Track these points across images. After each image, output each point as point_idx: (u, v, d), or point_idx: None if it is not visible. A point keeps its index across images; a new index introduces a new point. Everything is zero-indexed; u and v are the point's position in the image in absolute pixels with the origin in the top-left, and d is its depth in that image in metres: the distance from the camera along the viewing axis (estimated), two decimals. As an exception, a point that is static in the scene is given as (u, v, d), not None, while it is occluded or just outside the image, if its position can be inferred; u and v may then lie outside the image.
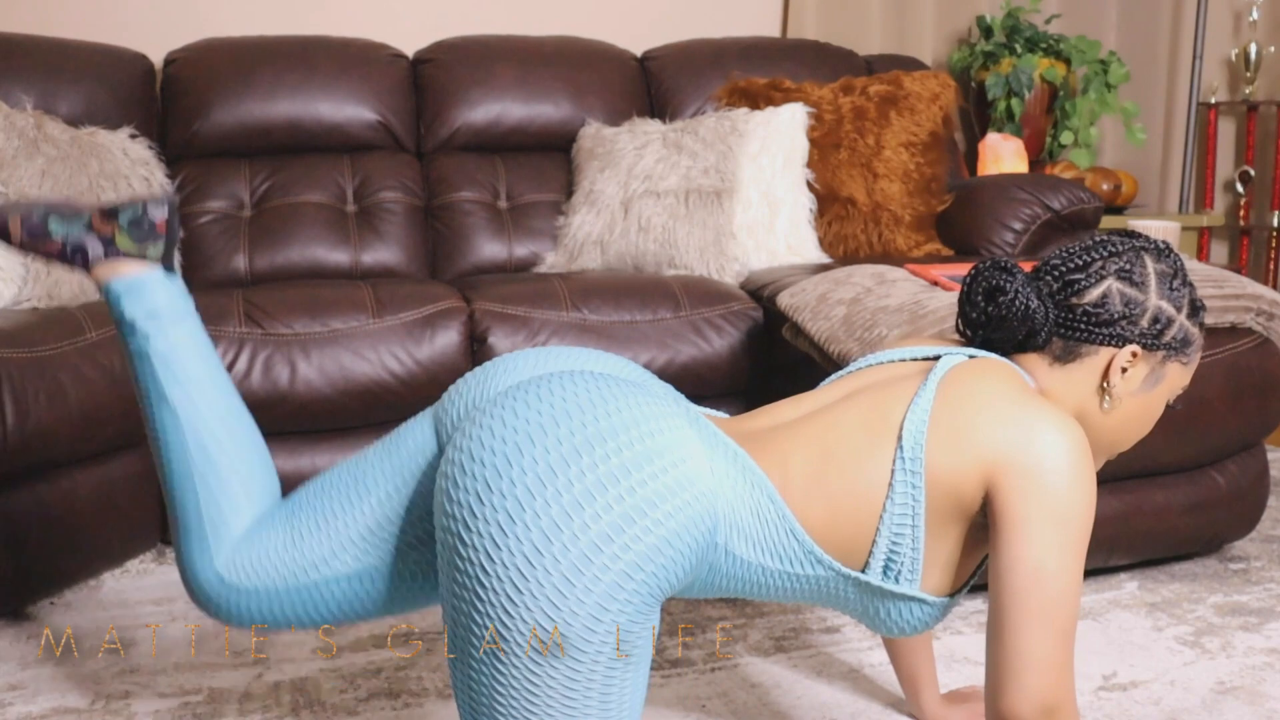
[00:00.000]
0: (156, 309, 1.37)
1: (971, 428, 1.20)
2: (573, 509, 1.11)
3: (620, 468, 1.13)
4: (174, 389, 1.36)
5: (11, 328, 2.13)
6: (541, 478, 1.12)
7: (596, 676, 1.14)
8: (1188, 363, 1.33)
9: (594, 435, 1.14)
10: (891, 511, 1.21)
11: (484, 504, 1.13)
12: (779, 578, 1.25)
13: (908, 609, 1.26)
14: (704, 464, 1.17)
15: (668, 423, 1.18)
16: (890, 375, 1.33)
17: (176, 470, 1.36)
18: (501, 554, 1.11)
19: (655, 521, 1.13)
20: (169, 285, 1.39)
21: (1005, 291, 1.29)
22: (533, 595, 1.10)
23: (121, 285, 1.38)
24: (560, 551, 1.10)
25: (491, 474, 1.14)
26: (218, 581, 1.36)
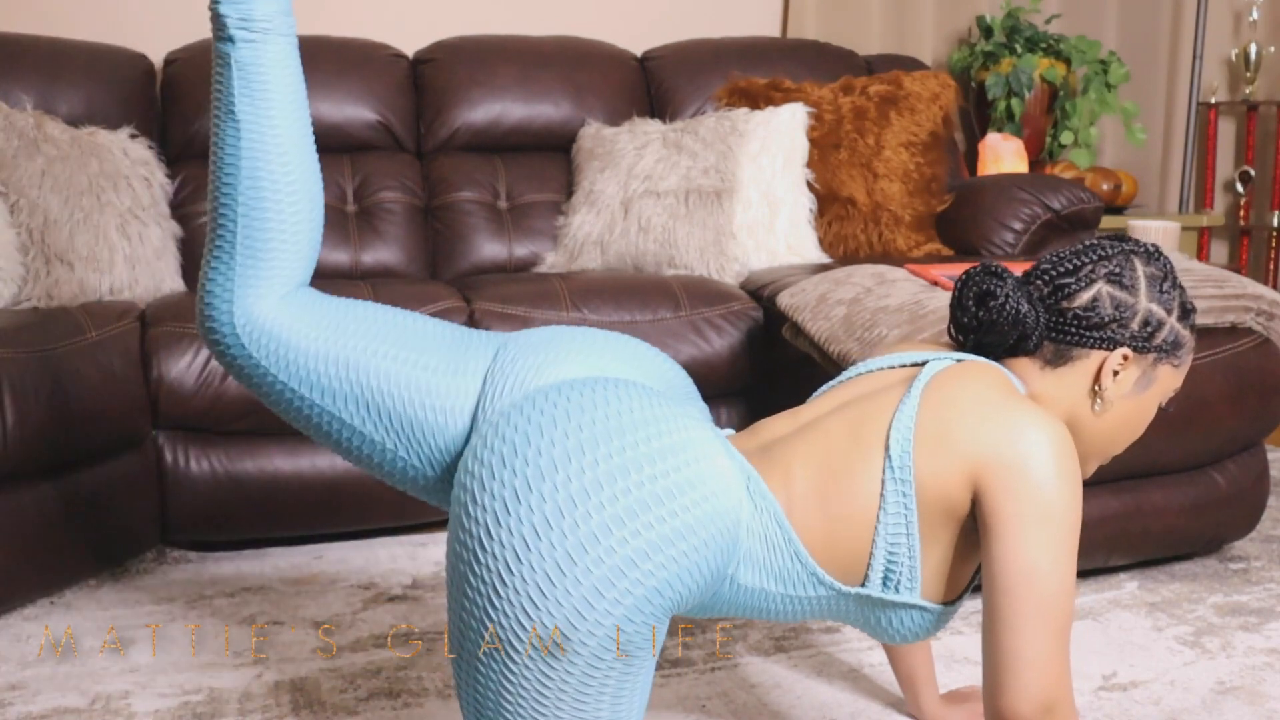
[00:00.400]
0: (252, 16, 1.30)
1: (955, 431, 1.20)
2: (579, 497, 1.11)
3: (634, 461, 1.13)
4: (245, 105, 1.30)
5: (11, 328, 2.13)
6: (574, 498, 1.12)
7: (611, 677, 1.14)
8: (1179, 365, 1.33)
9: (629, 462, 1.14)
10: (885, 522, 1.21)
11: (494, 478, 1.13)
12: (780, 600, 1.25)
13: (909, 617, 1.26)
14: (736, 490, 1.18)
15: (708, 451, 1.18)
16: (877, 385, 1.33)
17: (224, 190, 1.31)
18: (526, 563, 1.11)
19: (668, 513, 1.13)
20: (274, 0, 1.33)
21: (995, 296, 1.29)
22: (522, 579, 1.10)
23: None
24: (556, 539, 1.11)
25: (520, 487, 1.13)
26: (229, 327, 1.32)
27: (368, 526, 2.47)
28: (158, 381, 2.29)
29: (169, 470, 2.34)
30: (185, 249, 2.87)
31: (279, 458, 2.38)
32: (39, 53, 2.87)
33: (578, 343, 1.34)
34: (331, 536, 2.51)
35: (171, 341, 2.31)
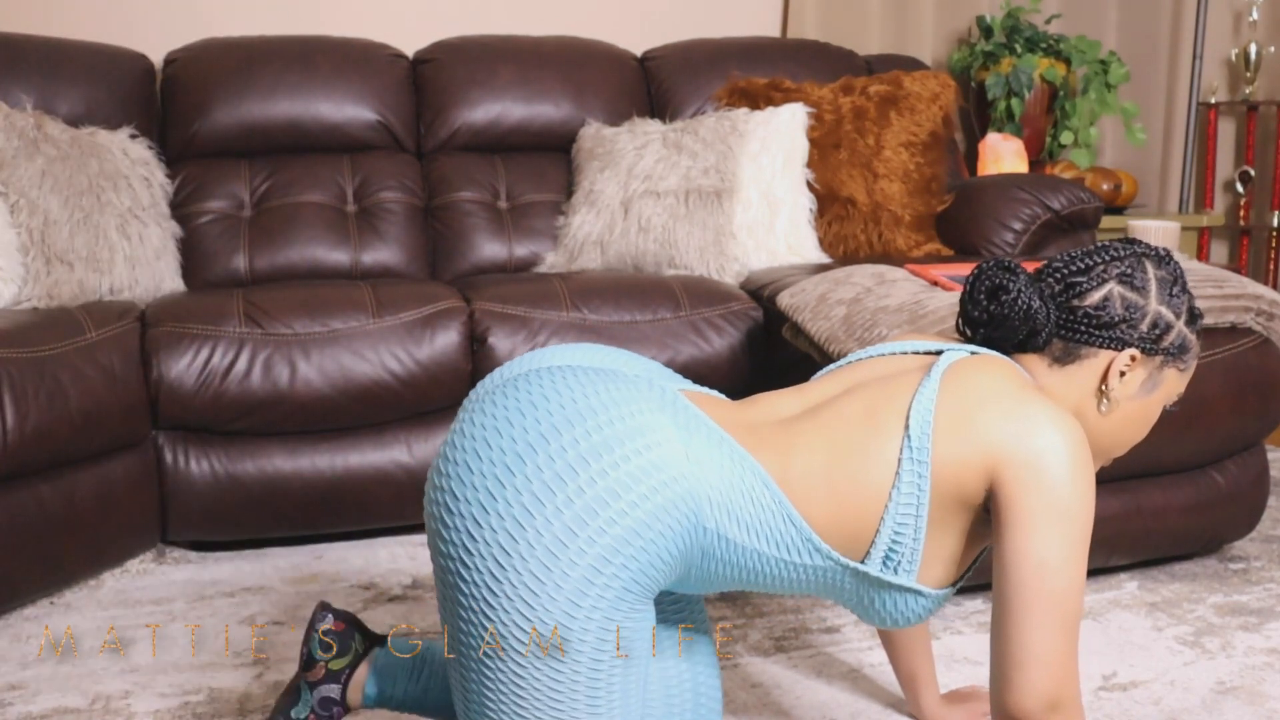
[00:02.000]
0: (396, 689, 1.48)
1: (976, 420, 1.21)
2: (543, 496, 1.12)
3: (588, 452, 1.14)
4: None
5: (11, 328, 2.13)
6: (510, 467, 1.14)
7: (581, 673, 1.14)
8: (1184, 369, 1.34)
9: (558, 423, 1.15)
10: (897, 501, 1.22)
11: (457, 499, 1.15)
12: (776, 565, 1.25)
13: (904, 600, 1.26)
14: (677, 448, 1.18)
15: (635, 406, 1.18)
16: (892, 368, 1.33)
17: None
18: (478, 545, 1.13)
19: (629, 505, 1.13)
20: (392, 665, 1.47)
21: (1008, 291, 1.30)
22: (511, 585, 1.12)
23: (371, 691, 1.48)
24: (533, 539, 1.12)
25: (463, 470, 1.16)
26: None
27: (368, 526, 2.47)
28: (158, 381, 2.29)
29: (169, 470, 2.34)
30: (185, 249, 2.88)
31: (279, 458, 2.38)
32: (39, 53, 2.87)
33: (527, 356, 1.36)
34: (331, 536, 2.51)
35: (171, 341, 2.31)
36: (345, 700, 1.48)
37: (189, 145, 3.00)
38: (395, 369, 2.40)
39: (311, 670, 1.47)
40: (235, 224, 2.94)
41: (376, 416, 2.43)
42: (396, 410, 2.43)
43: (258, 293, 2.48)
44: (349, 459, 2.41)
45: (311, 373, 2.36)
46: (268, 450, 2.38)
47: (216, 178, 2.98)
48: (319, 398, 2.36)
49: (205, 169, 2.99)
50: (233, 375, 2.31)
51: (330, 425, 2.41)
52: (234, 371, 2.32)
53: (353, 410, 2.39)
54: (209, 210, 2.94)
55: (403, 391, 2.41)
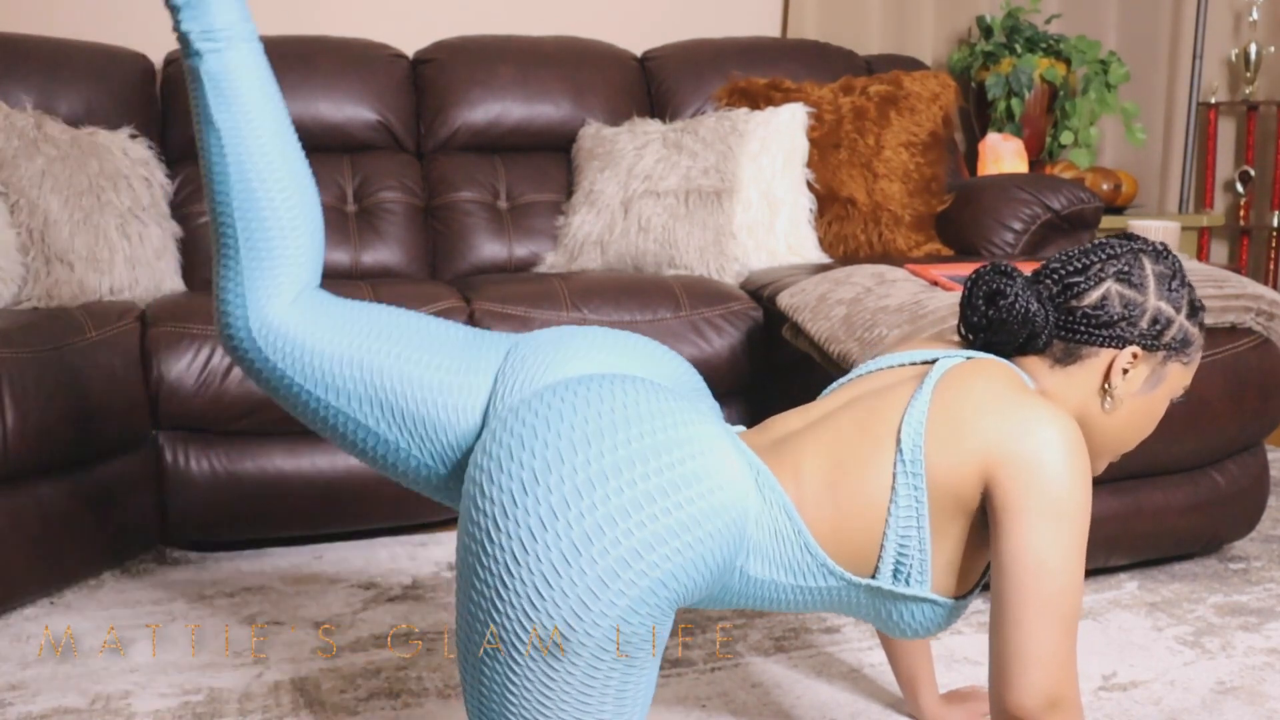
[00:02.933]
0: (212, 27, 1.34)
1: (968, 425, 1.21)
2: (584, 489, 1.12)
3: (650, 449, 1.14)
4: (220, 112, 1.34)
5: (11, 328, 2.13)
6: (562, 453, 1.14)
7: (615, 676, 1.15)
8: (1188, 362, 1.34)
9: (636, 454, 1.15)
10: (896, 515, 1.22)
11: (502, 470, 1.14)
12: (790, 591, 1.26)
13: (920, 610, 1.26)
14: (743, 482, 1.19)
15: (714, 444, 1.18)
16: (888, 381, 1.34)
17: (219, 199, 1.36)
18: (509, 521, 1.12)
19: (674, 505, 1.13)
20: (231, 6, 1.36)
21: (1005, 295, 1.30)
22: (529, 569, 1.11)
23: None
24: (599, 553, 1.11)
25: (516, 444, 1.15)
26: (245, 332, 1.36)
27: (368, 526, 2.47)
28: (158, 381, 2.29)
29: (169, 470, 2.34)
30: (185, 249, 2.87)
31: (279, 458, 2.38)
32: (39, 53, 2.87)
33: (588, 341, 1.35)
34: (331, 536, 2.51)
35: (171, 341, 2.31)
36: None
37: (189, 145, 3.00)
38: (395, 369, 2.39)
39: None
40: (235, 224, 2.93)
41: (376, 416, 2.42)
42: (396, 410, 2.42)
43: (258, 293, 2.48)
44: (349, 459, 2.41)
45: (311, 373, 2.35)
46: (268, 450, 2.38)
47: (216, 178, 2.98)
48: (319, 398, 2.36)
49: (205, 169, 2.99)
50: (233, 375, 2.31)
51: (330, 425, 2.41)
52: (234, 371, 2.32)
53: (353, 410, 2.39)
54: (209, 210, 2.94)
55: (403, 391, 2.40)
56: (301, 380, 1.35)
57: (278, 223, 1.35)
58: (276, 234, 1.35)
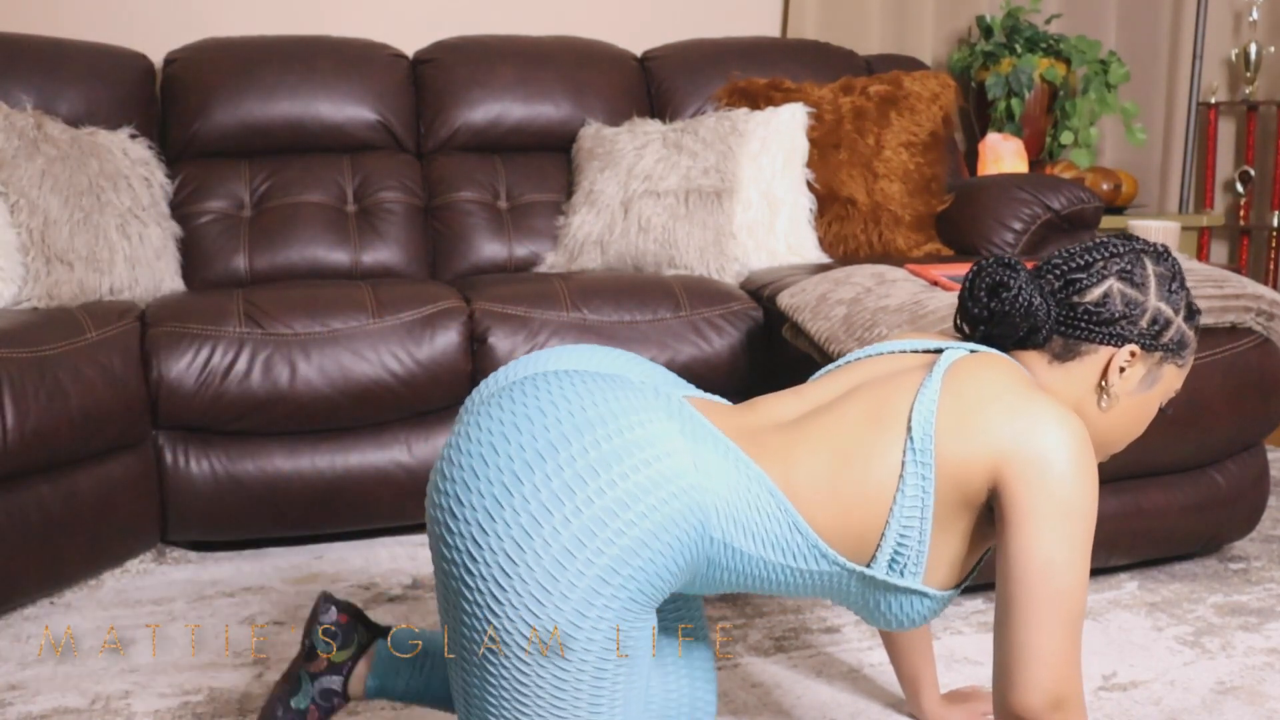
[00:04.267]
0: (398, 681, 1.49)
1: (979, 418, 1.20)
2: (551, 505, 1.12)
3: (597, 462, 1.13)
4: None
5: (11, 328, 2.13)
6: (518, 475, 1.13)
7: (585, 676, 1.14)
8: (1183, 365, 1.35)
9: (568, 431, 1.15)
10: (901, 504, 1.21)
11: (463, 504, 1.14)
12: (781, 571, 1.25)
13: (909, 602, 1.26)
14: (686, 459, 1.17)
15: (645, 415, 1.18)
16: (892, 368, 1.33)
17: None
18: (483, 552, 1.12)
19: (638, 516, 1.13)
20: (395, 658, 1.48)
21: (1008, 288, 1.30)
22: (516, 594, 1.11)
23: (372, 684, 1.49)
24: (540, 548, 1.11)
25: (468, 475, 1.15)
26: None
27: (368, 526, 2.47)
28: (158, 381, 2.29)
29: (169, 470, 2.34)
30: (185, 249, 2.88)
31: (279, 458, 2.38)
32: (39, 53, 2.87)
33: (535, 356, 1.35)
34: (331, 536, 2.51)
35: (171, 341, 2.31)
36: (346, 691, 1.48)
37: (189, 145, 3.00)
38: (395, 369, 2.40)
39: (313, 662, 1.47)
40: (235, 224, 2.94)
41: (376, 416, 2.43)
42: (396, 410, 2.43)
43: (258, 293, 2.48)
44: (349, 459, 2.41)
45: (311, 373, 2.36)
46: (268, 450, 2.38)
47: (216, 178, 2.98)
48: (319, 397, 2.36)
49: (205, 169, 2.99)
50: (233, 375, 2.31)
51: (330, 425, 2.41)
52: (234, 371, 2.32)
53: (353, 410, 2.39)
54: (209, 210, 2.94)
55: (403, 391, 2.41)
56: None
57: None
58: None
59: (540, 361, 1.34)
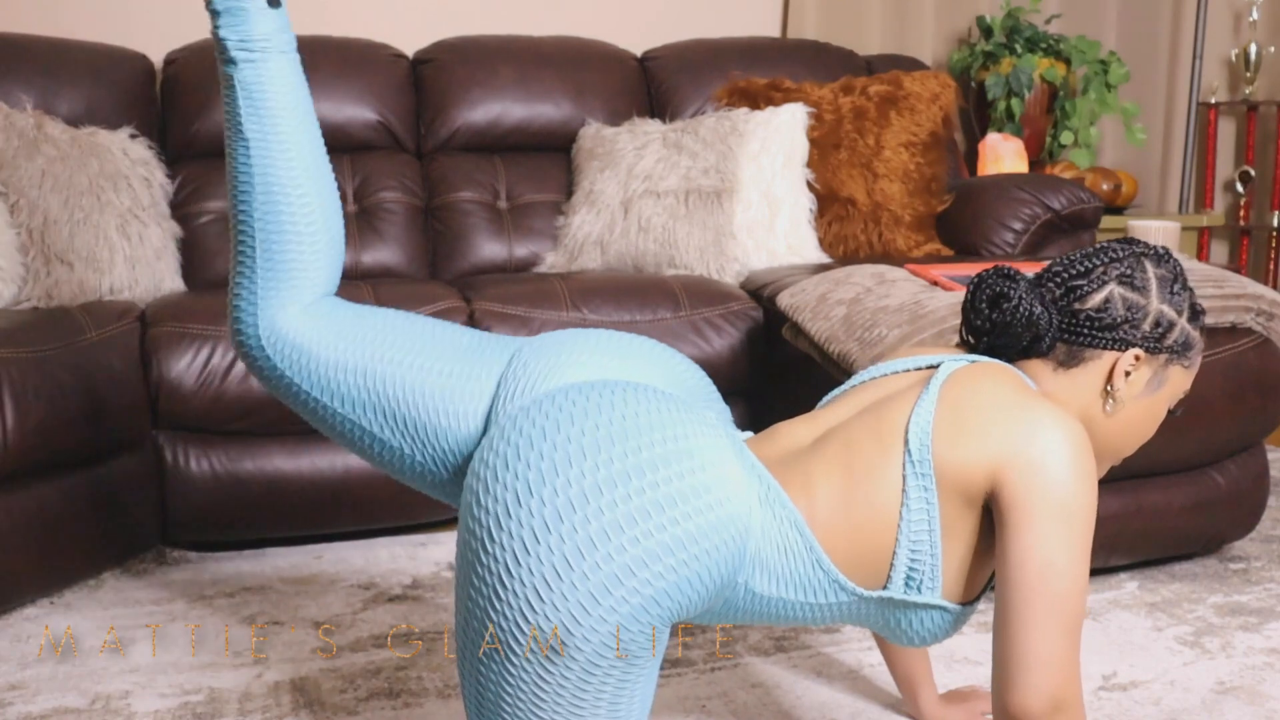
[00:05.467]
0: (250, 37, 1.35)
1: (975, 426, 1.21)
2: (590, 495, 1.12)
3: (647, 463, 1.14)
4: (251, 122, 1.36)
5: (11, 328, 2.13)
6: (571, 459, 1.14)
7: (610, 679, 1.15)
8: (1189, 366, 1.34)
9: (635, 466, 1.14)
10: (908, 519, 1.22)
11: (508, 469, 1.15)
12: (799, 609, 1.25)
13: (929, 618, 1.26)
14: (747, 497, 1.19)
15: (718, 457, 1.18)
16: (894, 387, 1.34)
17: (241, 208, 1.37)
18: (512, 522, 1.12)
19: (679, 517, 1.13)
20: (270, 16, 1.36)
21: (1009, 298, 1.30)
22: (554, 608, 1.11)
23: (221, 4, 1.35)
24: (590, 568, 1.11)
25: (520, 448, 1.15)
26: (255, 340, 1.38)
27: (368, 526, 2.47)
28: (158, 381, 2.29)
29: (169, 470, 2.34)
30: (185, 249, 2.88)
31: (279, 458, 2.38)
32: (39, 53, 2.87)
33: (591, 345, 1.35)
34: (331, 536, 2.51)
35: (171, 341, 2.31)
36: None
37: (189, 145, 3.00)
38: (395, 369, 2.39)
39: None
40: (235, 224, 2.94)
41: (376, 416, 2.42)
42: (396, 410, 2.42)
43: (258, 293, 2.48)
44: (349, 459, 2.41)
45: (311, 373, 2.35)
46: (268, 450, 2.38)
47: (216, 178, 2.98)
48: (319, 398, 2.36)
49: (205, 169, 2.99)
50: (233, 375, 2.31)
51: (330, 425, 2.41)
52: (234, 371, 2.32)
53: (353, 410, 2.39)
54: (209, 210, 2.94)
55: (403, 391, 2.40)
56: (307, 387, 1.38)
57: (297, 236, 1.37)
58: (294, 247, 1.37)
59: (610, 356, 1.34)
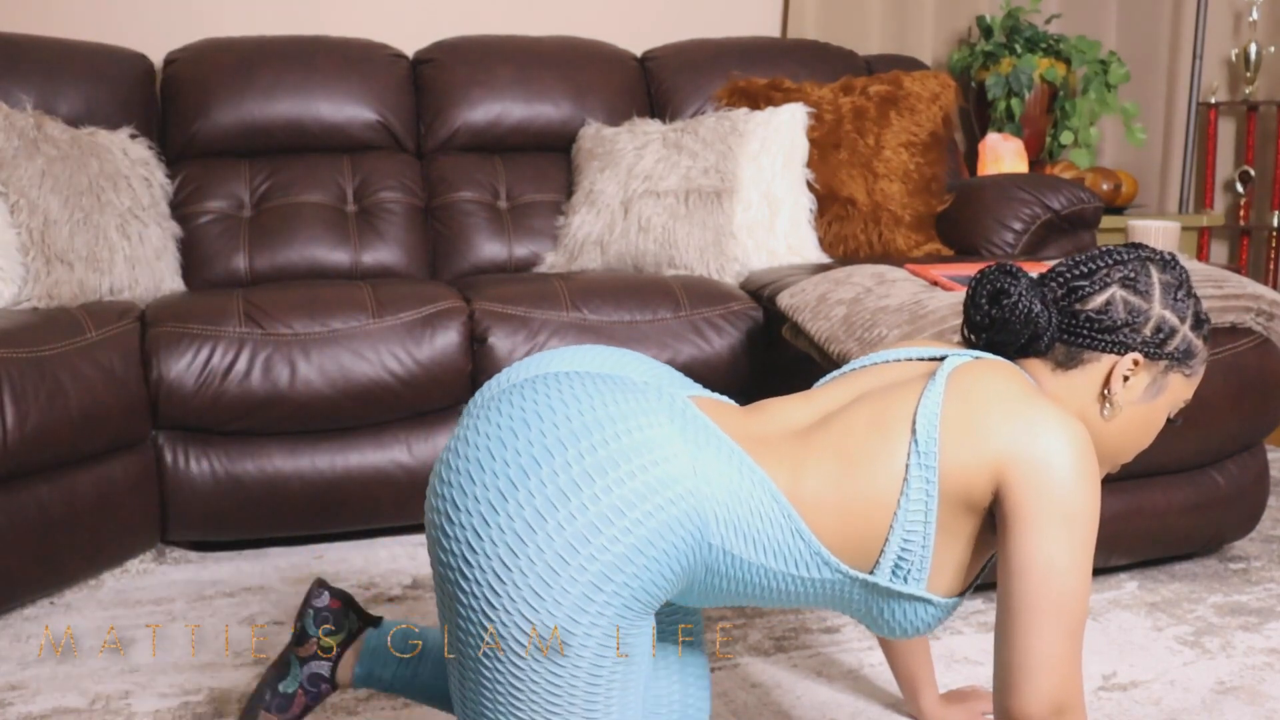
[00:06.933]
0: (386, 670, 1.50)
1: (982, 423, 1.20)
2: (546, 510, 1.11)
3: (594, 467, 1.13)
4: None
5: (11, 328, 2.13)
6: (514, 480, 1.13)
7: (580, 678, 1.14)
8: (1190, 374, 1.33)
9: (565, 436, 1.14)
10: (905, 508, 1.21)
11: (459, 508, 1.14)
12: (782, 580, 1.25)
13: (913, 610, 1.26)
14: (685, 463, 1.17)
15: (645, 419, 1.17)
16: (897, 375, 1.33)
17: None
18: (478, 556, 1.12)
19: (633, 522, 1.12)
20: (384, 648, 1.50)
21: (1009, 295, 1.30)
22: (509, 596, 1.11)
23: (360, 671, 1.50)
24: (534, 554, 1.10)
25: (465, 478, 1.14)
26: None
27: (368, 526, 2.47)
28: (158, 381, 2.29)
29: (169, 470, 2.34)
30: (185, 249, 2.88)
31: (279, 458, 2.38)
32: (39, 53, 2.87)
33: (552, 354, 1.35)
34: (331, 536, 2.51)
35: (171, 341, 2.31)
36: (334, 678, 1.49)
37: (189, 145, 3.00)
38: (395, 369, 2.40)
39: (303, 646, 1.47)
40: (235, 224, 2.94)
41: (376, 416, 2.43)
42: (396, 410, 2.43)
43: (258, 293, 2.48)
44: (349, 459, 2.41)
45: (311, 373, 2.36)
46: (268, 450, 2.38)
47: (216, 178, 2.98)
48: (319, 398, 2.36)
49: (205, 169, 2.99)
50: (233, 375, 2.31)
51: (330, 425, 2.41)
52: (234, 371, 2.32)
53: (353, 410, 2.39)
54: (209, 210, 2.94)
55: (403, 391, 2.41)
56: None
57: None
58: None
59: (543, 363, 1.33)
